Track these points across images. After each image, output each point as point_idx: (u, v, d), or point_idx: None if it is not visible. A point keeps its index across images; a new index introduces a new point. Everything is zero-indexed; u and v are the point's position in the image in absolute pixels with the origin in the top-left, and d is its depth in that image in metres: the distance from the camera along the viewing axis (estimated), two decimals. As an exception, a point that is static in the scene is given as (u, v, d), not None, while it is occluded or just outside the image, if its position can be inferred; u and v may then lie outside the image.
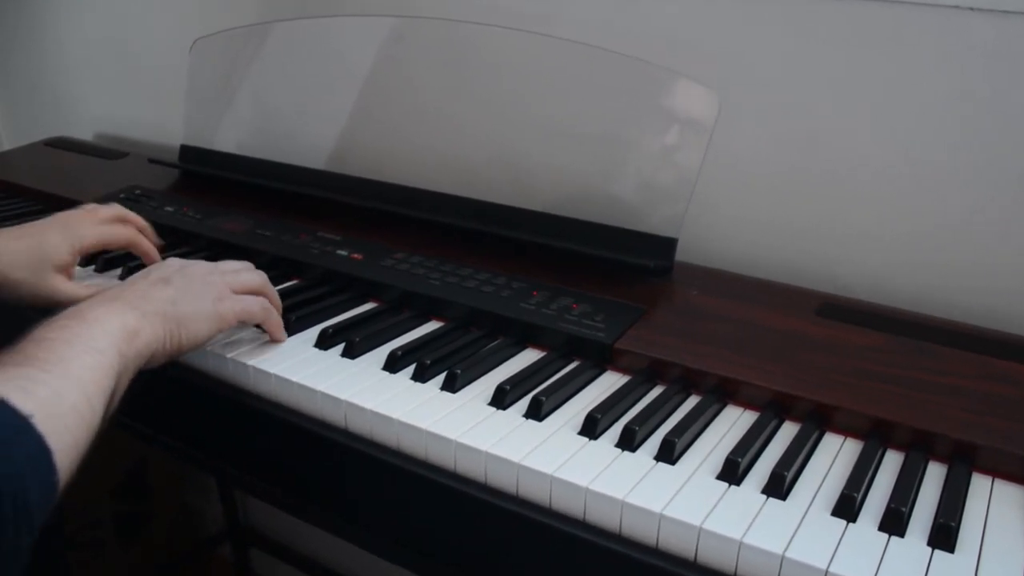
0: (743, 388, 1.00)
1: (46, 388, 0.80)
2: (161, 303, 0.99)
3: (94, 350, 0.87)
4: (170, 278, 1.04)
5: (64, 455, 0.77)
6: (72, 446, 0.79)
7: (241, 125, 1.67)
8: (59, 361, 0.83)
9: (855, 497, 0.82)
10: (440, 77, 1.42)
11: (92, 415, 0.82)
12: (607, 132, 1.27)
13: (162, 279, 1.03)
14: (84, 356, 0.85)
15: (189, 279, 1.05)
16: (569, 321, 1.11)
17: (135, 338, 0.93)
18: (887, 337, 1.07)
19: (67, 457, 0.78)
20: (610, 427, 0.95)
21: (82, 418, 0.81)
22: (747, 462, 0.88)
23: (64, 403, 0.80)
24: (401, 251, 1.32)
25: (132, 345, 0.92)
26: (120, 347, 0.90)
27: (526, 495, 0.88)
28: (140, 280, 1.04)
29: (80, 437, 0.80)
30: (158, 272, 1.05)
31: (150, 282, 1.03)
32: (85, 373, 0.84)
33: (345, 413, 0.99)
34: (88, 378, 0.84)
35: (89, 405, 0.82)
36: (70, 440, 0.79)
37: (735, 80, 1.32)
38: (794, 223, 1.33)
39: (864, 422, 0.94)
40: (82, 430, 0.81)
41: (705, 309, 1.15)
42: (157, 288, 1.01)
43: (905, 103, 1.22)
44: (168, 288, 1.02)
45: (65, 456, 0.78)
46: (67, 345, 0.86)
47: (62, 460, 0.77)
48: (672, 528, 0.80)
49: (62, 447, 0.77)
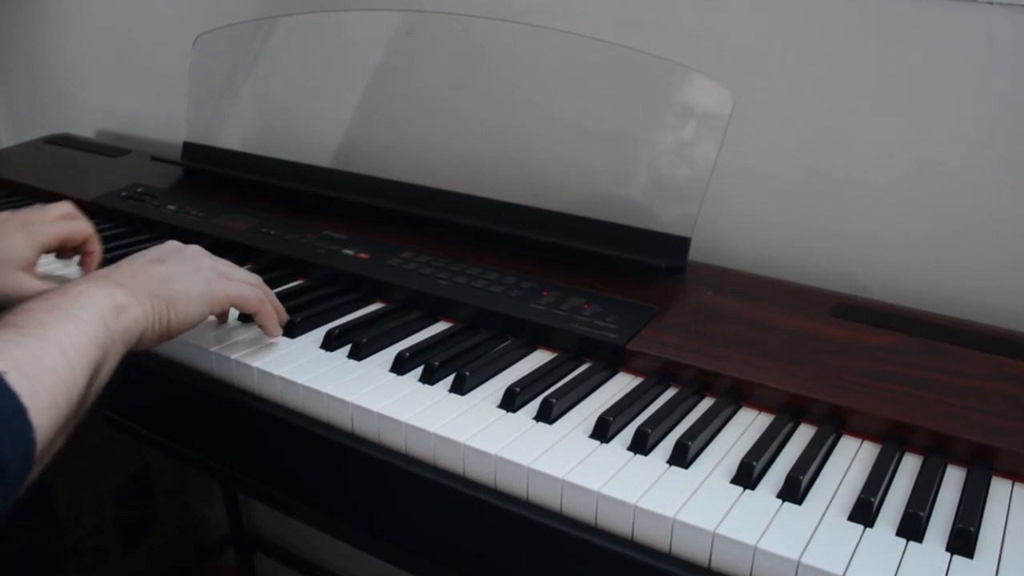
0: (758, 390, 1.01)
1: (21, 348, 0.80)
2: (151, 281, 0.99)
3: (76, 319, 0.87)
4: (165, 258, 1.05)
5: (42, 415, 0.78)
6: (51, 406, 0.79)
7: (245, 122, 1.68)
8: (37, 325, 0.84)
9: (872, 502, 0.82)
10: (449, 73, 1.42)
11: (73, 378, 0.83)
12: (619, 129, 1.27)
13: (157, 259, 1.04)
14: (65, 324, 0.86)
15: (183, 259, 1.05)
16: (580, 322, 1.12)
17: (122, 313, 0.93)
18: (904, 338, 1.07)
19: (46, 417, 0.78)
20: (622, 430, 0.95)
21: (62, 380, 0.81)
22: (762, 466, 0.88)
23: (41, 364, 0.80)
24: (409, 250, 1.32)
25: (119, 320, 0.92)
26: (105, 319, 0.90)
27: (536, 499, 0.88)
28: (134, 259, 1.04)
29: (60, 400, 0.81)
30: (154, 252, 1.06)
31: (144, 261, 1.03)
32: (65, 339, 0.84)
33: (352, 416, 1.00)
34: (68, 344, 0.84)
35: (70, 369, 0.83)
36: (48, 400, 0.79)
37: (750, 76, 1.32)
38: (809, 222, 1.34)
39: (881, 425, 0.94)
40: (62, 393, 0.81)
41: (719, 309, 1.15)
42: (149, 267, 1.02)
43: (925, 100, 1.21)
44: (161, 267, 1.02)
45: (43, 416, 0.78)
46: (47, 313, 0.86)
47: (40, 419, 0.77)
48: (685, 533, 0.80)
49: (39, 406, 0.78)
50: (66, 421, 0.82)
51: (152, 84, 2.18)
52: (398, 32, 1.47)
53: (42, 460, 0.80)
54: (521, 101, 1.35)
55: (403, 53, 1.47)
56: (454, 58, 1.41)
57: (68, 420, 0.83)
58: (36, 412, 0.77)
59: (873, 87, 1.25)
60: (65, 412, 0.82)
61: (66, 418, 0.82)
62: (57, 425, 0.80)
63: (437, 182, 1.43)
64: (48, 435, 0.79)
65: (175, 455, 1.25)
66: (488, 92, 1.38)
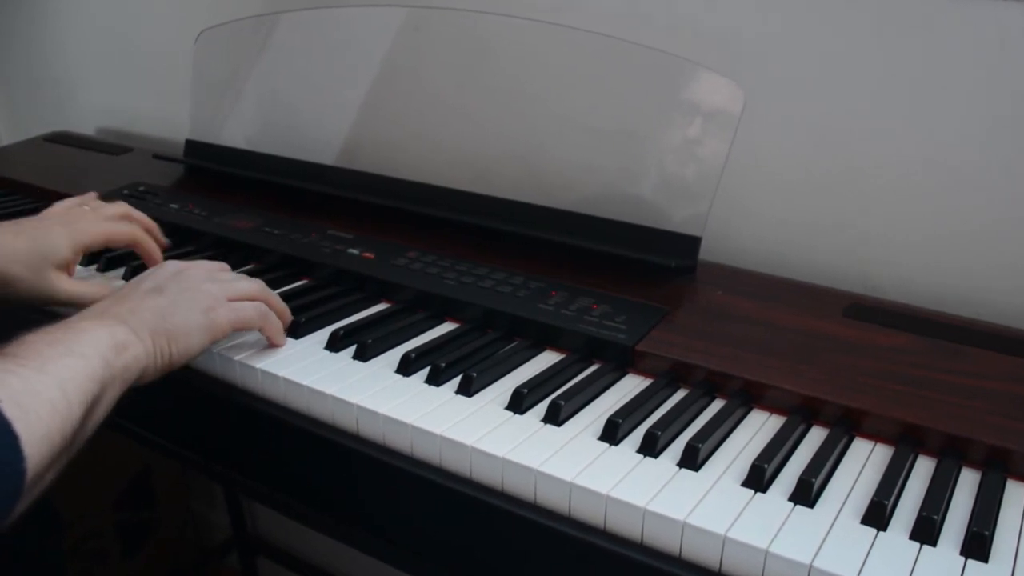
0: (769, 392, 1.01)
1: (18, 378, 0.81)
2: (150, 316, 1.00)
3: (77, 354, 0.88)
4: (163, 287, 1.05)
5: (35, 445, 0.79)
6: (44, 438, 0.80)
7: (249, 119, 1.68)
8: (36, 356, 0.85)
9: (885, 505, 0.82)
10: (456, 69, 1.42)
11: (69, 412, 0.84)
12: (628, 126, 1.27)
13: (155, 288, 1.04)
14: (65, 357, 0.87)
15: (182, 287, 1.05)
16: (589, 322, 1.12)
17: (123, 351, 0.94)
18: (918, 338, 1.07)
19: (39, 448, 0.79)
20: (632, 432, 0.95)
21: (57, 413, 0.82)
22: (773, 468, 0.88)
23: (38, 396, 0.81)
24: (414, 250, 1.32)
25: (120, 357, 0.93)
26: (106, 356, 0.91)
27: (544, 502, 0.88)
28: (132, 290, 1.05)
29: (54, 432, 0.81)
30: (151, 280, 1.06)
31: (142, 292, 1.04)
32: (64, 372, 0.85)
33: (357, 417, 1.00)
34: (67, 376, 0.85)
35: (66, 402, 0.84)
36: (42, 431, 0.80)
37: (761, 73, 1.32)
38: (821, 221, 1.34)
39: (894, 427, 0.94)
40: (56, 425, 0.82)
41: (729, 310, 1.15)
42: (148, 299, 1.02)
43: (937, 97, 1.21)
44: (160, 298, 1.02)
45: (36, 446, 0.79)
46: (48, 346, 0.88)
47: (32, 449, 0.78)
48: (696, 537, 0.80)
49: (32, 436, 0.78)
50: (59, 454, 0.83)
51: (154, 81, 2.18)
52: (404, 27, 1.47)
53: (33, 491, 0.81)
54: (529, 98, 1.35)
55: (409, 49, 1.47)
56: (461, 54, 1.41)
57: (61, 453, 0.84)
58: (28, 442, 0.78)
59: (885, 84, 1.25)
60: (59, 445, 0.82)
61: (59, 451, 0.83)
62: (50, 457, 0.81)
63: (444, 180, 1.43)
64: (40, 466, 0.80)
65: (176, 457, 1.25)
66: (496, 89, 1.38)
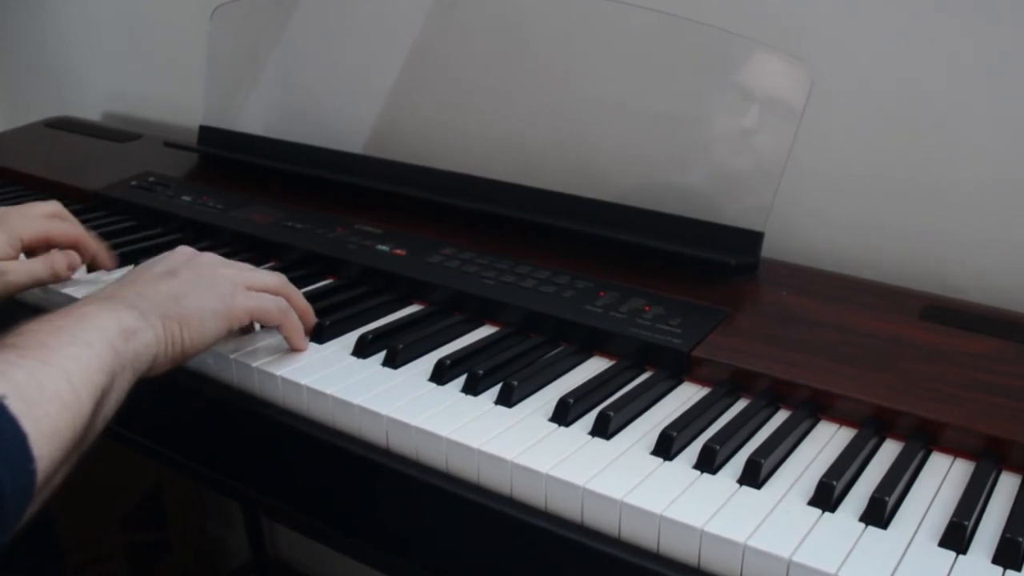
0: (838, 402, 1.01)
1: (23, 372, 0.82)
2: (162, 300, 1.01)
3: (82, 342, 0.89)
4: (176, 270, 1.06)
5: (44, 443, 0.80)
6: (53, 434, 0.81)
7: (268, 103, 1.69)
8: (40, 347, 0.86)
9: (966, 526, 0.82)
10: (493, 49, 1.43)
11: (78, 406, 0.85)
12: (683, 112, 1.27)
13: (167, 272, 1.06)
14: (69, 347, 0.88)
15: (197, 271, 1.07)
16: (641, 325, 1.12)
17: (131, 337, 0.95)
18: (1002, 343, 1.07)
19: (47, 445, 0.80)
20: (687, 446, 0.96)
21: (66, 407, 0.83)
22: (843, 486, 0.89)
23: (44, 389, 0.82)
24: (450, 246, 1.33)
25: (128, 344, 0.94)
26: (114, 343, 0.92)
27: (592, 523, 0.89)
28: (142, 273, 1.06)
29: (63, 428, 0.82)
30: (163, 263, 1.08)
31: (153, 275, 1.05)
32: (69, 363, 0.86)
33: (387, 430, 1.01)
34: (73, 368, 0.86)
35: (75, 395, 0.85)
36: (50, 427, 0.81)
37: (831, 54, 1.31)
38: (896, 215, 1.33)
39: (976, 440, 0.94)
40: (66, 421, 0.83)
41: (795, 312, 1.16)
42: (160, 282, 1.04)
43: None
44: (173, 281, 1.04)
45: (45, 444, 0.80)
46: (50, 335, 0.89)
47: (41, 448, 0.79)
48: (757, 560, 0.81)
49: (41, 434, 0.80)
50: (69, 451, 0.84)
51: (164, 62, 2.20)
52: (438, 3, 1.48)
53: (42, 493, 0.82)
54: (574, 80, 1.35)
55: (443, 28, 1.48)
56: (499, 33, 1.42)
57: (71, 450, 0.85)
58: (37, 441, 0.79)
59: (968, 72, 1.24)
60: (68, 442, 0.83)
61: (69, 448, 0.84)
62: (60, 455, 0.82)
63: (481, 170, 1.43)
64: (49, 466, 0.81)
65: (190, 473, 1.26)
66: (537, 71, 1.39)
